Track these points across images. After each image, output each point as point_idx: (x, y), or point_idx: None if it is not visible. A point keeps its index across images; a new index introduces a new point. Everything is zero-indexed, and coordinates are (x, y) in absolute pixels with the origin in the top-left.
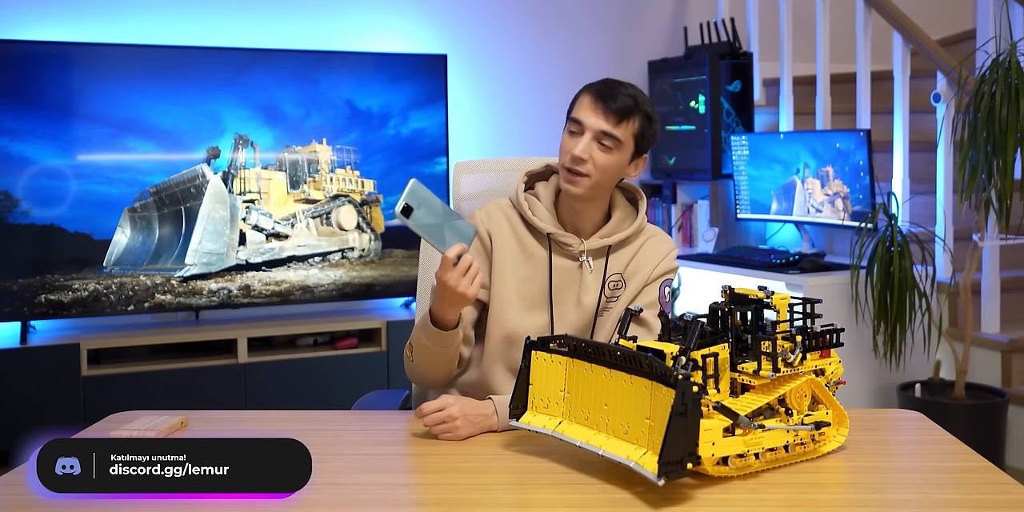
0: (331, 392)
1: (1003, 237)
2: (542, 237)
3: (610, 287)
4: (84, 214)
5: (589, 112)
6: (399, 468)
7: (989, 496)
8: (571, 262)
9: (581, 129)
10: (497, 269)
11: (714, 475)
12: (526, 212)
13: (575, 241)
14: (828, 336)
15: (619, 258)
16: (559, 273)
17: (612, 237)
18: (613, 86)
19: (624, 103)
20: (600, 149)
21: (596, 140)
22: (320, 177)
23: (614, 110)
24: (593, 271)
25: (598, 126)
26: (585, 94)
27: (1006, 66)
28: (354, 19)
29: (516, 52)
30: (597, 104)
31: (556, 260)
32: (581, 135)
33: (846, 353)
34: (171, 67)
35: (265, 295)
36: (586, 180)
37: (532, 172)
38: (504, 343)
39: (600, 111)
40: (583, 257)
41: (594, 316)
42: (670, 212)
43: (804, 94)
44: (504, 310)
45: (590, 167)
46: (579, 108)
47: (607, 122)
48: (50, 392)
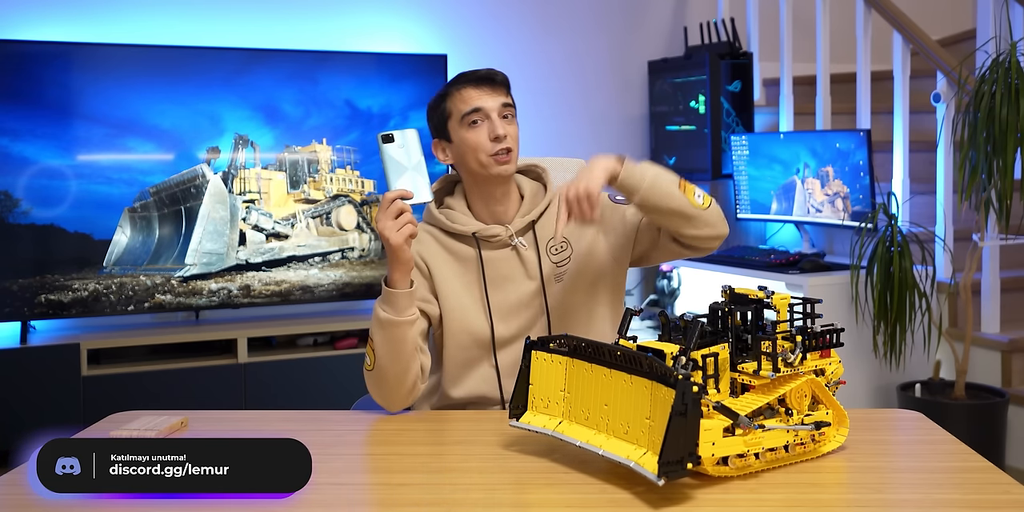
0: (331, 392)
1: (1003, 237)
2: (467, 239)
3: (552, 252)
4: (84, 214)
5: (483, 96)
6: (399, 468)
7: (989, 496)
8: (504, 249)
9: (484, 115)
10: (440, 284)
11: (714, 475)
12: (446, 224)
13: (501, 230)
14: (828, 336)
15: (546, 225)
16: (497, 264)
17: (532, 212)
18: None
19: (501, 76)
20: (507, 123)
21: (500, 117)
22: (320, 177)
23: (500, 83)
24: (528, 247)
25: (498, 103)
26: (463, 89)
27: (1006, 66)
28: (354, 19)
29: (516, 52)
30: (483, 87)
31: (488, 254)
32: (486, 120)
33: (846, 353)
34: (171, 67)
35: (265, 295)
36: (513, 154)
37: (435, 189)
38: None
39: (489, 90)
40: (514, 240)
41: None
42: None
43: (804, 94)
44: (465, 318)
45: (511, 141)
46: (467, 100)
47: (501, 95)
48: (50, 392)
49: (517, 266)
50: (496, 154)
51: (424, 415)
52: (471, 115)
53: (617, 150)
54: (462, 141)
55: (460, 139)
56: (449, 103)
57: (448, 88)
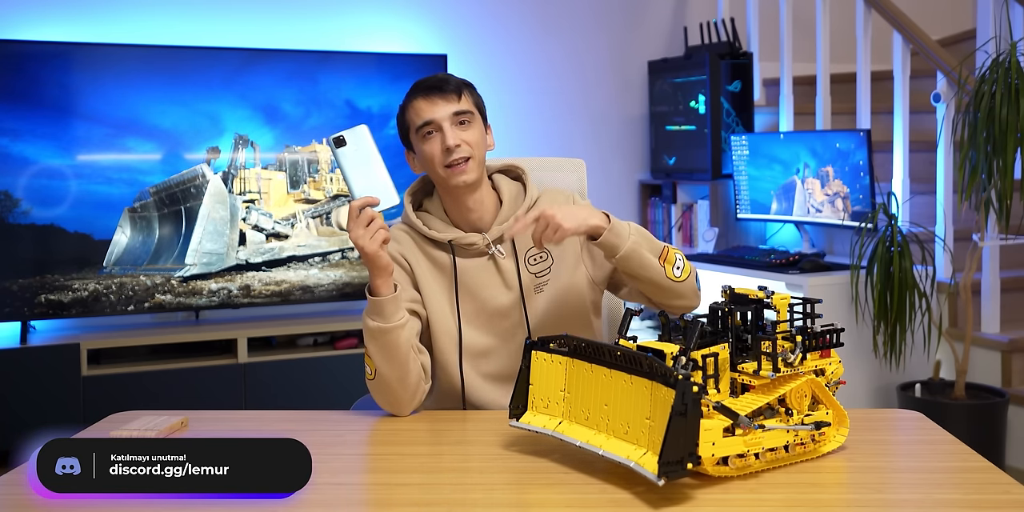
0: (331, 392)
1: (1003, 237)
2: (444, 246)
3: (530, 263)
4: (84, 214)
5: (432, 108)
6: (399, 468)
7: (989, 496)
8: (482, 258)
9: (436, 126)
10: (421, 285)
11: (714, 475)
12: (423, 230)
13: (477, 238)
14: (828, 336)
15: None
16: (475, 272)
17: (510, 220)
18: (430, 79)
19: (453, 82)
20: (462, 130)
21: (453, 126)
22: (320, 177)
23: (450, 91)
24: (506, 256)
25: (448, 111)
26: (415, 101)
27: (1006, 66)
28: (354, 19)
29: (516, 52)
30: (432, 97)
31: (466, 262)
32: (438, 132)
33: (846, 353)
34: (171, 67)
35: (265, 295)
36: (471, 162)
37: (413, 190)
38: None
39: (439, 100)
40: (491, 249)
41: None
42: (670, 212)
43: (804, 94)
44: (443, 321)
45: (466, 148)
46: (420, 113)
47: (452, 103)
48: (50, 392)
49: (494, 275)
50: (450, 165)
51: (424, 415)
52: (423, 128)
53: (617, 150)
54: (421, 153)
55: (419, 151)
56: (407, 115)
57: (405, 99)
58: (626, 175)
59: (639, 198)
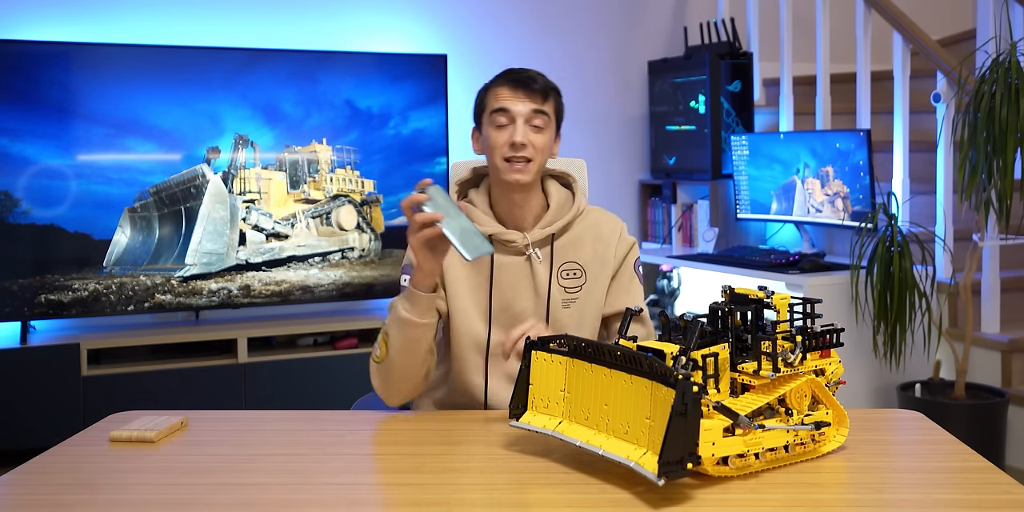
0: (331, 392)
1: (1003, 237)
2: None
3: (563, 276)
4: (84, 214)
5: (514, 99)
6: (399, 468)
7: (989, 496)
8: (518, 257)
9: (511, 117)
10: (450, 281)
11: (714, 475)
12: None
13: (518, 236)
14: (828, 336)
15: (566, 245)
16: (507, 270)
17: (554, 225)
18: (522, 71)
19: (543, 82)
20: (534, 131)
21: (528, 123)
22: (320, 177)
23: (537, 90)
24: (542, 261)
25: (528, 108)
26: (499, 86)
27: (1006, 66)
28: (354, 19)
29: (516, 52)
30: (518, 89)
31: (502, 258)
32: (511, 124)
33: (846, 353)
34: (171, 67)
35: (265, 295)
36: (531, 164)
37: (462, 180)
38: (474, 351)
39: (524, 94)
40: (529, 250)
41: (547, 305)
42: (670, 212)
43: (804, 94)
44: (466, 321)
45: (531, 150)
46: (500, 99)
47: (535, 102)
48: (50, 392)
49: (526, 277)
50: (510, 160)
51: (424, 415)
52: (497, 114)
53: (617, 150)
54: (487, 137)
55: (486, 134)
56: (486, 96)
57: (492, 80)
58: (626, 175)
59: (639, 198)
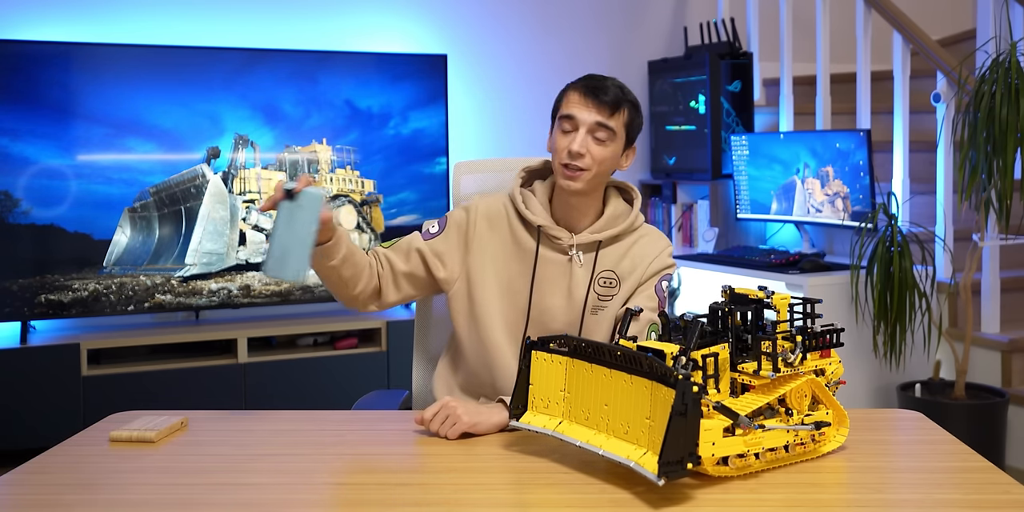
0: (331, 392)
1: (1003, 237)
2: (533, 230)
3: (600, 283)
4: (84, 214)
5: (581, 107)
6: (399, 468)
7: (989, 496)
8: (561, 255)
9: (575, 125)
10: (476, 251)
11: (714, 475)
12: (520, 206)
13: (565, 235)
14: (828, 336)
15: (610, 255)
16: (548, 265)
17: (603, 233)
18: (599, 80)
19: (614, 95)
20: (595, 142)
21: (590, 134)
22: (320, 177)
23: (606, 102)
24: (583, 265)
25: (592, 119)
26: (572, 91)
27: (1006, 66)
28: (354, 19)
29: (516, 52)
30: (588, 98)
31: (545, 252)
32: (574, 131)
33: (846, 353)
34: (171, 67)
35: (265, 295)
36: (586, 174)
37: (531, 168)
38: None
39: (592, 105)
40: (572, 251)
41: (582, 310)
42: (670, 212)
43: (804, 94)
44: (480, 291)
45: (588, 161)
46: (569, 105)
47: (600, 114)
48: (50, 392)
49: (564, 276)
50: (566, 166)
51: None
52: (563, 120)
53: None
54: (553, 138)
55: (554, 136)
56: (561, 98)
57: (571, 83)
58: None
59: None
